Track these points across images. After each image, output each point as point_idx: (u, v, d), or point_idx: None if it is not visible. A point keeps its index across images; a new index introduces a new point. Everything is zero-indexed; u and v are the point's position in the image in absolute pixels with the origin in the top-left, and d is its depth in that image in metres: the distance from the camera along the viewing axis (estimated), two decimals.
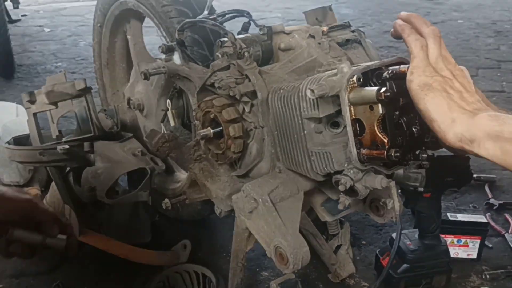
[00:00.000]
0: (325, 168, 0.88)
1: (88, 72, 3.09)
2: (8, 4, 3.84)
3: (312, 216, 1.32)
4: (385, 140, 0.79)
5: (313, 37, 1.12)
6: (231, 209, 1.08)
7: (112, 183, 1.41)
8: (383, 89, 0.75)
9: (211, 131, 1.03)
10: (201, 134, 1.03)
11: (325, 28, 1.14)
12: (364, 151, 0.81)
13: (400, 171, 1.20)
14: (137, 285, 1.34)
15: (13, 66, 3.03)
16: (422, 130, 0.83)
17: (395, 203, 0.87)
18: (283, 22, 1.17)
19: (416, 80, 0.73)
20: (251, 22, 1.14)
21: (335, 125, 0.89)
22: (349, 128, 0.81)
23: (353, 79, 0.80)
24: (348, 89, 0.80)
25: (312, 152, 0.89)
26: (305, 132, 0.89)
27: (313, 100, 0.85)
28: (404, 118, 0.82)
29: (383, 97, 0.75)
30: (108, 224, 1.48)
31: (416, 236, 1.32)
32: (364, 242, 1.54)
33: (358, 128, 0.82)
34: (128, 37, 1.59)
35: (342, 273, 1.38)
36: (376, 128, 0.80)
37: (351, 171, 0.85)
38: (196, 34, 1.20)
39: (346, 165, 0.86)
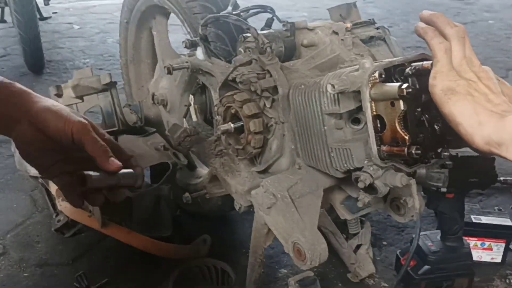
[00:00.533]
0: (345, 165, 0.87)
1: (115, 69, 3.14)
2: (40, 2, 3.93)
3: (333, 215, 1.31)
4: (406, 137, 0.78)
5: (337, 33, 1.11)
6: (250, 205, 1.09)
7: None
8: (405, 85, 0.74)
9: (232, 126, 1.03)
10: (222, 129, 1.03)
11: (348, 25, 1.13)
12: (384, 148, 0.80)
13: (423, 170, 1.18)
14: (156, 277, 1.36)
15: (43, 61, 3.10)
16: (445, 128, 0.81)
17: (415, 201, 0.86)
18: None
19: (439, 84, 0.72)
20: (275, 18, 1.14)
21: (356, 121, 0.89)
22: (370, 124, 0.80)
23: (375, 74, 0.79)
24: (370, 84, 0.79)
25: (332, 148, 0.89)
26: (325, 128, 0.88)
27: (333, 95, 0.84)
28: (426, 115, 0.81)
29: (404, 93, 0.74)
30: (131, 217, 1.50)
31: (438, 237, 1.30)
32: (385, 243, 1.53)
33: (379, 125, 0.81)
34: (154, 33, 1.61)
35: (361, 272, 1.37)
36: (397, 124, 0.79)
37: (371, 168, 0.85)
38: (220, 30, 1.21)
39: (366, 162, 0.85)
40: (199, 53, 1.13)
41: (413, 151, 0.76)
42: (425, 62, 0.80)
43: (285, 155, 1.03)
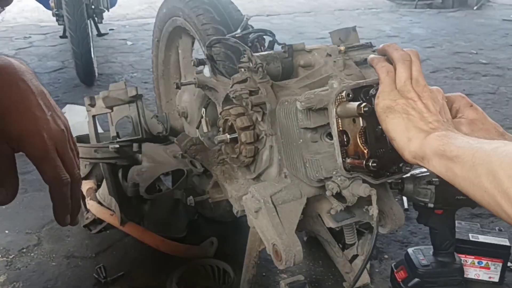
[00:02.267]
0: (316, 174, 0.96)
1: None
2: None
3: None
4: (365, 151, 0.87)
5: (330, 55, 1.21)
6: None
7: (152, 181, 1.57)
8: (363, 104, 0.83)
9: (228, 136, 1.15)
10: (219, 139, 1.15)
11: (342, 48, 1.22)
12: (348, 160, 0.89)
13: (410, 186, 1.24)
14: (165, 274, 1.48)
15: (94, 74, 3.36)
16: None
17: (374, 210, 0.93)
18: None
19: (380, 103, 0.81)
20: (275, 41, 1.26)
21: (330, 136, 0.98)
22: (335, 138, 0.89)
23: (342, 94, 0.88)
24: (337, 103, 0.89)
25: (306, 159, 0.98)
26: (301, 140, 0.98)
27: (306, 111, 0.94)
28: None
29: (362, 111, 0.83)
30: (149, 218, 1.65)
31: (431, 252, 1.35)
32: (386, 256, 1.58)
33: (345, 139, 0.90)
34: (179, 51, 1.76)
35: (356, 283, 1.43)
36: (358, 139, 0.88)
37: (339, 179, 0.94)
38: (229, 50, 1.33)
39: (334, 172, 0.94)
40: (206, 70, 1.26)
41: (370, 164, 0.85)
42: None
43: (274, 165, 1.13)
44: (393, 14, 5.91)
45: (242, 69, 1.13)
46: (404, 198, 1.80)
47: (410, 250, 1.39)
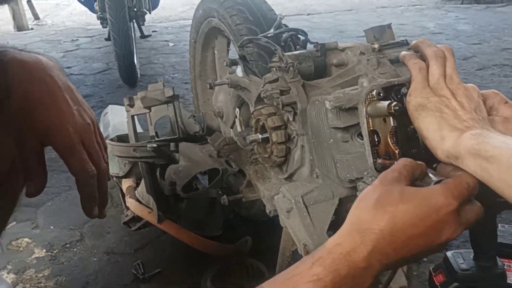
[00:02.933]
0: (347, 175, 0.95)
1: None
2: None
3: None
4: (396, 151, 0.85)
5: (364, 53, 1.19)
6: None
7: (188, 179, 1.59)
8: (394, 103, 0.81)
9: (260, 136, 1.15)
10: (251, 139, 1.16)
11: (376, 46, 1.20)
12: (379, 160, 0.87)
13: None
14: (200, 271, 1.51)
15: (136, 76, 3.44)
16: None
17: None
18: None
19: (412, 101, 0.78)
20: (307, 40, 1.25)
21: (362, 135, 0.96)
22: (366, 138, 0.88)
23: (372, 93, 0.87)
24: (367, 102, 0.87)
25: (337, 159, 0.97)
26: (332, 140, 0.97)
27: (337, 111, 0.93)
28: None
29: (392, 110, 0.81)
30: (186, 216, 1.67)
31: (471, 256, 1.30)
32: (425, 259, 1.54)
33: (376, 139, 0.88)
34: (215, 51, 1.78)
35: (393, 285, 1.40)
36: (389, 139, 0.86)
37: (370, 179, 0.92)
38: (262, 50, 1.33)
39: (365, 173, 0.93)
40: (238, 70, 1.27)
41: None
42: None
43: (305, 165, 1.13)
44: (438, 10, 5.74)
45: (273, 69, 1.13)
46: None
47: (449, 254, 1.35)
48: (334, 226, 1.10)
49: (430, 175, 0.76)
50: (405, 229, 0.63)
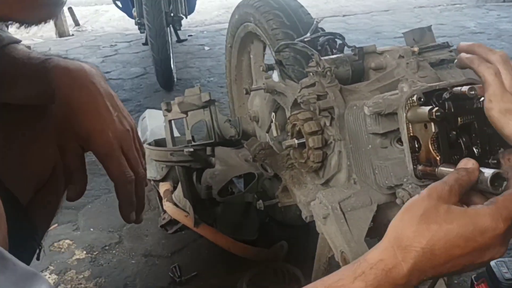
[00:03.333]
0: (386, 182, 0.93)
1: None
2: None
3: None
4: (438, 158, 0.82)
5: (403, 57, 1.16)
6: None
7: (224, 183, 1.60)
8: (435, 108, 0.79)
9: (296, 141, 1.15)
10: (287, 144, 1.15)
11: (415, 49, 1.17)
12: (420, 167, 0.85)
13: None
14: (236, 276, 1.51)
15: (172, 80, 3.49)
16: (484, 151, 0.84)
17: None
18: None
19: (496, 107, 0.74)
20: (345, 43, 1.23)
21: (401, 141, 0.94)
22: (406, 144, 0.86)
23: (413, 98, 0.85)
24: (407, 107, 0.85)
25: (375, 166, 0.95)
26: (370, 146, 0.95)
27: (375, 116, 0.91)
28: (463, 138, 0.84)
29: (434, 116, 0.79)
30: (222, 220, 1.68)
31: None
32: None
33: (416, 145, 0.86)
34: (251, 56, 1.79)
35: None
36: (430, 145, 0.83)
37: (409, 186, 0.90)
38: (298, 54, 1.33)
39: (405, 180, 0.91)
40: (275, 75, 1.26)
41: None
42: (463, 87, 0.83)
43: (343, 171, 1.11)
44: (479, 9, 5.57)
45: (310, 73, 1.13)
46: None
47: (492, 262, 1.30)
48: (372, 233, 1.09)
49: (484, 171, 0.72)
50: (447, 249, 0.61)
